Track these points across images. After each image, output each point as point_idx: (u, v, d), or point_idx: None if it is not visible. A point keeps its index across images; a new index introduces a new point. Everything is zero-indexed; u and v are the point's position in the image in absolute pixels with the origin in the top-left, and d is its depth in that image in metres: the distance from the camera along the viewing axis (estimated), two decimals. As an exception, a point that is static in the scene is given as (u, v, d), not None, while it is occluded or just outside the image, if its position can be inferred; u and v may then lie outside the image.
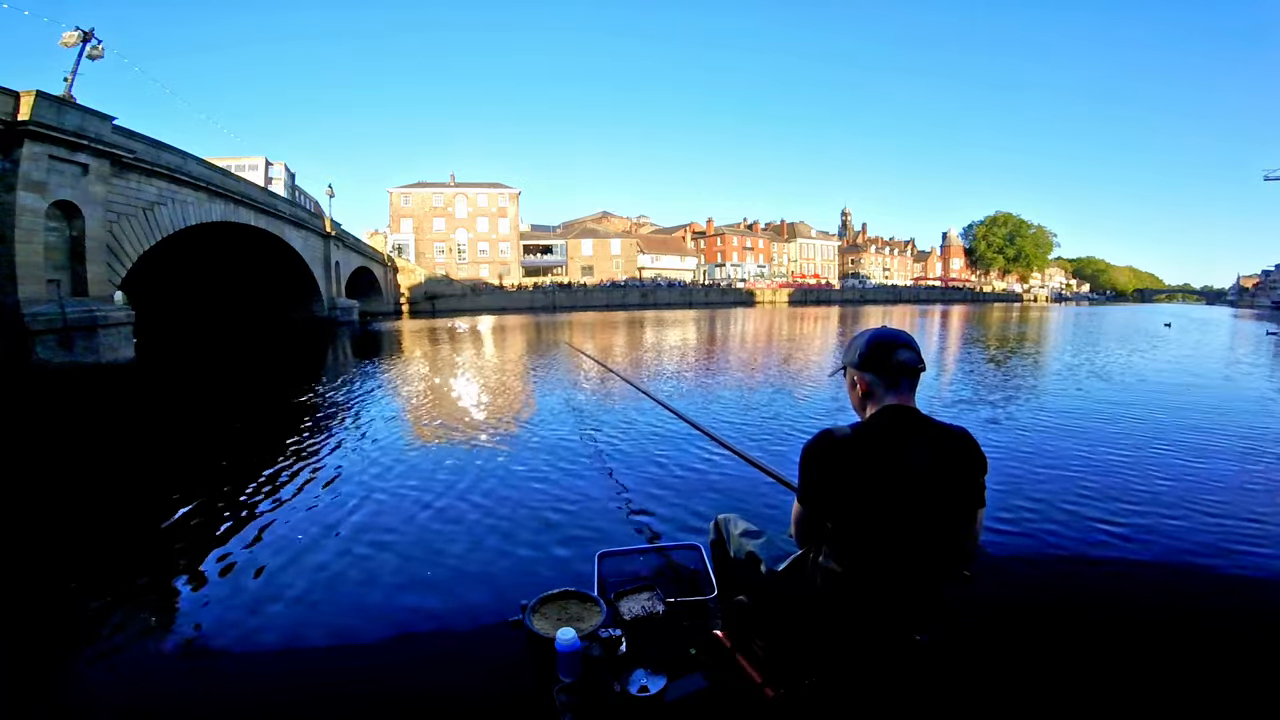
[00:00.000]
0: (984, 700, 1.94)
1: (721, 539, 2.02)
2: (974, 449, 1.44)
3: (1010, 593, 2.66)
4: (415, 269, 50.06)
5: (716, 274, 68.66)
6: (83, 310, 11.02)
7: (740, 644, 1.70)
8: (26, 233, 10.48)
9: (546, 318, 34.84)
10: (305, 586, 2.84)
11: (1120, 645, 2.29)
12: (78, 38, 14.24)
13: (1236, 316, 45.09)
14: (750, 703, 1.56)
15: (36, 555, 3.35)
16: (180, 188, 15.70)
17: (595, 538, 3.21)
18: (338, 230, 30.28)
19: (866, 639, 1.44)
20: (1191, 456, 4.93)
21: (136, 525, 3.77)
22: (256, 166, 62.78)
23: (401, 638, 2.41)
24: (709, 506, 3.61)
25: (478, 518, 3.64)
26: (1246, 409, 7.21)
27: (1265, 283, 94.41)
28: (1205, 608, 2.61)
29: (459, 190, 58.71)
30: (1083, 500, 3.84)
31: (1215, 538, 3.27)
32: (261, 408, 8.04)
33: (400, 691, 2.08)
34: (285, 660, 2.31)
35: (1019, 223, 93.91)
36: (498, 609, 2.43)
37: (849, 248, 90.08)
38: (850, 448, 1.41)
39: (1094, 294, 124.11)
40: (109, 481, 4.83)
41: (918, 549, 1.40)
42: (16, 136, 10.30)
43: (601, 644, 1.73)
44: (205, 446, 5.81)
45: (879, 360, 1.46)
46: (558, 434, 5.78)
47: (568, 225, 74.19)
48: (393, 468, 4.74)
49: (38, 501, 4.28)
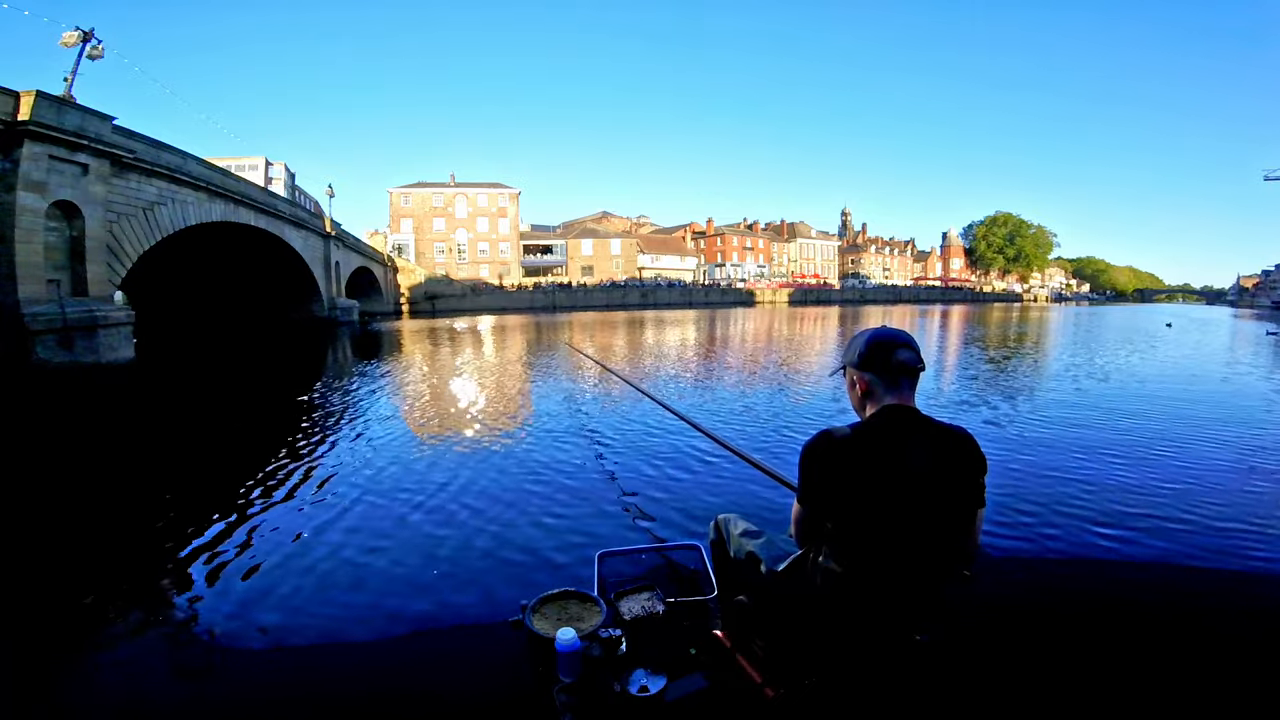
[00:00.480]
0: (984, 700, 1.94)
1: (721, 539, 2.02)
2: (974, 449, 1.44)
3: (1010, 593, 2.66)
4: (415, 269, 50.05)
5: (716, 274, 68.65)
6: (83, 310, 11.02)
7: (740, 644, 1.70)
8: (26, 233, 10.48)
9: (546, 318, 34.84)
10: (304, 587, 2.84)
11: (1120, 645, 2.29)
12: (78, 38, 14.24)
13: (1236, 316, 45.08)
14: (750, 703, 1.56)
15: (36, 555, 3.35)
16: (180, 188, 15.70)
17: (595, 538, 3.21)
18: (338, 230, 30.28)
19: (866, 639, 1.44)
20: (1192, 457, 4.93)
21: (136, 525, 3.76)
22: (256, 166, 62.77)
23: (401, 638, 2.41)
24: (709, 506, 3.61)
25: (478, 518, 3.64)
26: (1247, 409, 7.21)
27: (1265, 283, 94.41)
28: (1205, 608, 2.61)
29: (459, 190, 58.69)
30: (1083, 500, 3.84)
31: (1215, 538, 3.27)
32: (261, 408, 8.04)
33: (400, 692, 2.08)
34: (284, 660, 2.31)
35: (1019, 223, 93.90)
36: (498, 609, 2.44)
37: (849, 248, 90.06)
38: (850, 448, 1.41)
39: (1094, 294, 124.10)
40: (108, 481, 4.83)
41: (917, 549, 1.40)
42: (16, 136, 10.30)
43: (601, 644, 1.73)
44: (204, 446, 5.81)
45: (878, 360, 1.46)
46: (557, 434, 5.78)
47: (568, 225, 74.18)
48: (392, 468, 4.74)
49: (37, 502, 4.27)
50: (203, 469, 4.95)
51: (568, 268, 61.56)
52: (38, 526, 3.78)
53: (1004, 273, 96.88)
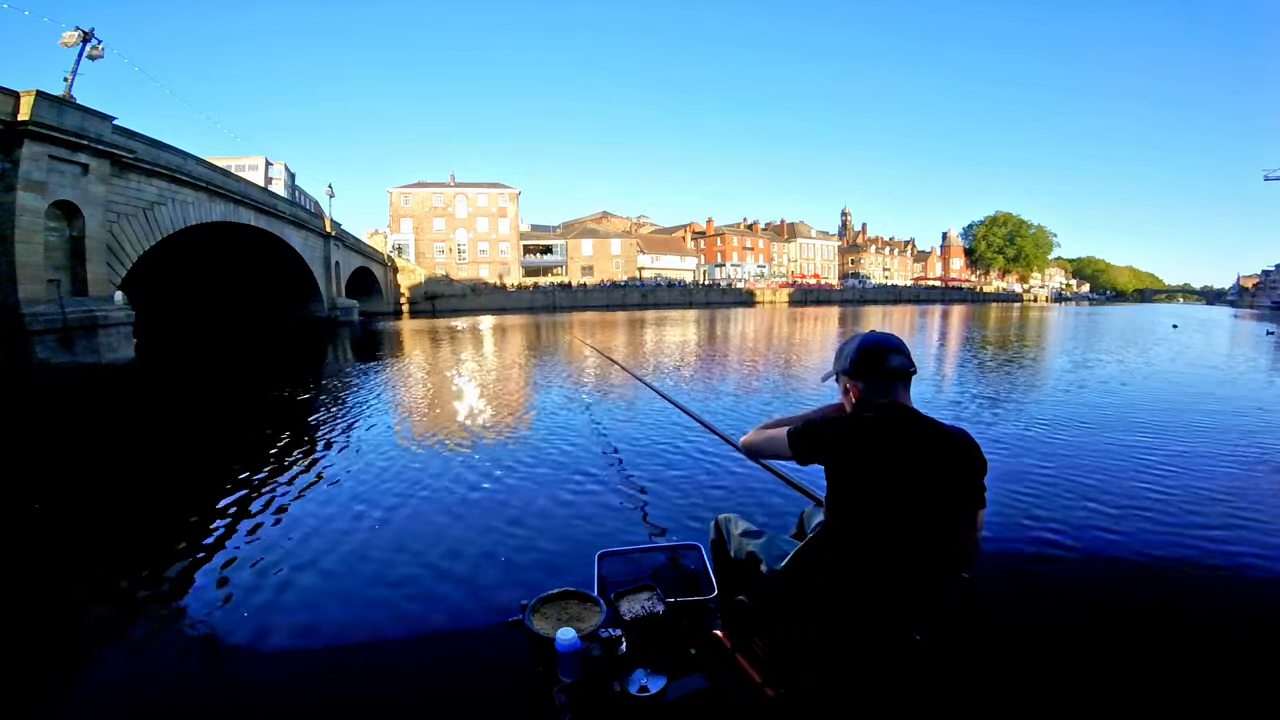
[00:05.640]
0: (984, 700, 1.94)
1: (721, 539, 2.02)
2: (974, 451, 1.44)
3: (1010, 593, 2.66)
4: (415, 269, 50.04)
5: (716, 274, 68.63)
6: (83, 310, 11.02)
7: (740, 644, 1.70)
8: (26, 233, 10.48)
9: (546, 318, 34.84)
10: (303, 587, 2.84)
11: (1120, 645, 2.29)
12: (78, 38, 14.23)
13: (1236, 317, 45.04)
14: (750, 703, 1.56)
15: (38, 555, 3.35)
16: (180, 188, 15.70)
17: (595, 538, 3.21)
18: (338, 230, 30.27)
19: (866, 639, 1.44)
20: (1192, 457, 4.92)
21: (135, 526, 3.76)
22: (256, 166, 62.72)
23: (401, 638, 2.41)
24: (709, 506, 3.61)
25: (477, 518, 3.64)
26: (1247, 409, 7.20)
27: (1265, 283, 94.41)
28: (1205, 608, 2.61)
29: (459, 190, 58.68)
30: (1083, 501, 3.84)
31: (1215, 538, 3.27)
32: (260, 408, 8.03)
33: (400, 691, 2.08)
34: (283, 661, 2.31)
35: (1019, 223, 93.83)
36: (497, 609, 2.44)
37: (849, 248, 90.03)
38: (858, 428, 1.44)
39: (1094, 294, 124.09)
40: (108, 482, 4.82)
41: (916, 549, 1.41)
42: (16, 136, 10.30)
43: (601, 644, 1.72)
44: (204, 447, 5.81)
45: (870, 367, 1.47)
46: (557, 434, 5.77)
47: (568, 225, 74.14)
48: (391, 468, 4.74)
49: (39, 502, 4.27)
50: (203, 469, 4.95)
51: (568, 268, 61.54)
52: (39, 527, 3.78)
53: (1004, 273, 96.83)
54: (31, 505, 4.15)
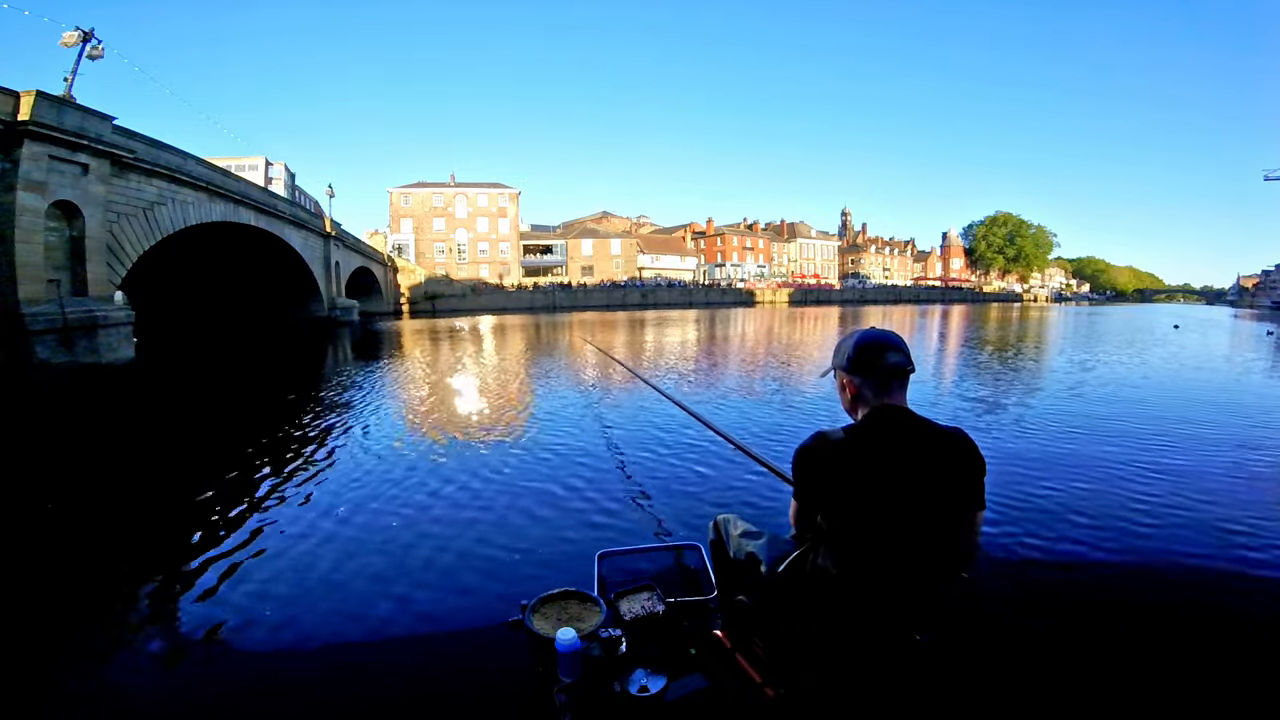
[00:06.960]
0: (984, 700, 1.94)
1: (721, 539, 2.02)
2: (972, 451, 1.44)
3: (1010, 593, 2.66)
4: (415, 269, 50.03)
5: (716, 274, 68.61)
6: (83, 310, 11.01)
7: (740, 644, 1.70)
8: (26, 233, 10.47)
9: (546, 318, 34.83)
10: (303, 587, 2.84)
11: (1120, 645, 2.29)
12: (78, 38, 14.22)
13: (1236, 317, 45.04)
14: (750, 703, 1.56)
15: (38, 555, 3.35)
16: (180, 188, 15.69)
17: (595, 538, 3.21)
18: (338, 230, 30.26)
19: (866, 639, 1.44)
20: (1193, 457, 4.93)
21: (135, 526, 3.76)
22: (256, 166, 62.70)
23: (401, 638, 2.41)
24: (709, 506, 3.61)
25: (477, 518, 3.64)
26: (1247, 409, 7.20)
27: (1265, 283, 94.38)
28: (1205, 607, 2.61)
29: (459, 190, 58.67)
30: (1082, 500, 3.83)
31: (1216, 538, 3.27)
32: (261, 408, 8.03)
33: (400, 691, 2.08)
34: (283, 661, 2.30)
35: (1019, 223, 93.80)
36: (497, 609, 2.43)
37: (849, 248, 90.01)
38: (843, 450, 1.41)
39: (1094, 294, 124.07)
40: (108, 482, 4.83)
41: (915, 550, 1.40)
42: (16, 136, 10.29)
43: (601, 644, 1.72)
44: (204, 447, 5.81)
45: (867, 363, 1.46)
46: (556, 434, 5.77)
47: (568, 225, 74.14)
48: (391, 468, 4.74)
49: (39, 502, 4.27)
50: (203, 469, 4.95)
51: (568, 268, 61.52)
52: (40, 527, 3.78)
53: (1004, 273, 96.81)
54: (44, 505, 4.16)
